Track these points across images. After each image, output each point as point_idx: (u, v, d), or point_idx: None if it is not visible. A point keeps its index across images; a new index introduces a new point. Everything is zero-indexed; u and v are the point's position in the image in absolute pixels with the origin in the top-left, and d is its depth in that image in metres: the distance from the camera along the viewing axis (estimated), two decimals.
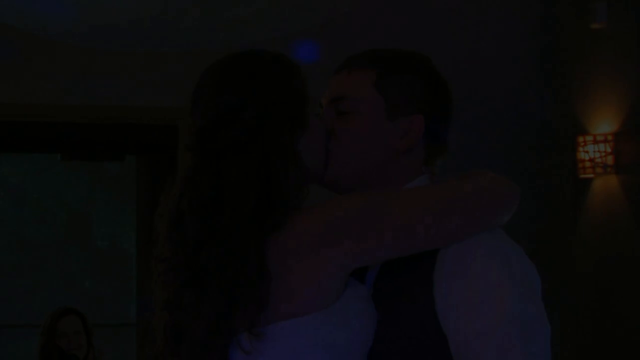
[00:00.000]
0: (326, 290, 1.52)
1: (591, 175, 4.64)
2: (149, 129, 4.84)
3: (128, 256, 6.28)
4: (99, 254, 6.98)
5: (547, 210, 4.79)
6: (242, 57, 1.61)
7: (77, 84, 4.56)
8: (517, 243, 1.62)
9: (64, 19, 4.13)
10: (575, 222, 4.73)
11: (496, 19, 4.90)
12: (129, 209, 6.05)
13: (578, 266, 4.72)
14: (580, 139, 4.66)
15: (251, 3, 3.64)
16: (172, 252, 1.55)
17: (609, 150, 4.58)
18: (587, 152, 4.63)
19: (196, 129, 1.57)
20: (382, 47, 1.74)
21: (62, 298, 6.39)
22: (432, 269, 1.57)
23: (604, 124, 4.64)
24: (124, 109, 4.73)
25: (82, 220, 7.04)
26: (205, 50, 2.89)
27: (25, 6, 3.98)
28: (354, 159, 1.66)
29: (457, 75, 1.82)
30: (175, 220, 1.56)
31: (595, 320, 4.64)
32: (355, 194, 1.58)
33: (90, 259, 6.97)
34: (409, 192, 1.59)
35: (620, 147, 4.55)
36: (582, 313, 4.67)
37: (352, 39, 4.31)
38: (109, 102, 4.63)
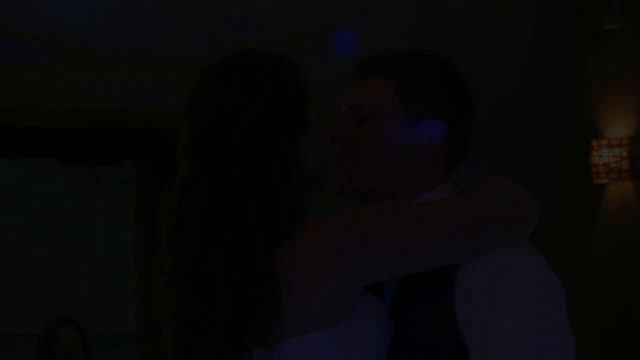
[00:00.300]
0: (339, 305, 1.50)
1: (605, 181, 4.61)
2: (148, 132, 4.82)
3: (128, 264, 6.26)
4: (97, 262, 6.97)
5: (559, 217, 4.75)
6: (239, 57, 1.59)
7: (75, 86, 4.54)
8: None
9: (65, 18, 4.11)
10: (589, 229, 4.69)
11: (507, 21, 4.87)
12: (128, 215, 6.03)
13: (592, 274, 4.69)
14: (594, 142, 4.62)
15: None
16: (174, 261, 1.52)
17: (624, 154, 4.54)
18: (601, 156, 4.59)
19: (193, 132, 1.55)
20: (405, 45, 1.73)
21: (59, 306, 6.37)
22: (453, 280, 1.56)
23: (619, 127, 4.60)
24: (122, 112, 4.71)
25: (81, 227, 7.03)
26: (208, 52, 2.87)
27: (24, 4, 3.97)
28: (375, 167, 1.65)
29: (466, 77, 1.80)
30: (175, 228, 1.53)
31: (609, 327, 4.60)
32: (370, 207, 1.55)
33: (89, 266, 6.96)
34: (426, 207, 1.57)
35: (636, 152, 4.52)
36: (595, 319, 4.64)
37: (382, 29, 4.29)
38: (108, 105, 4.61)
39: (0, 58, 4.43)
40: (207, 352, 1.50)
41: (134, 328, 5.56)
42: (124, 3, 4.28)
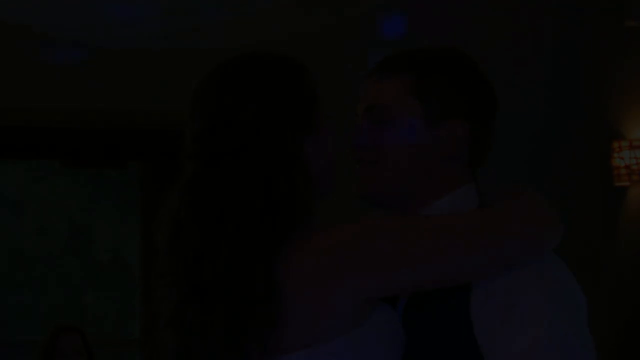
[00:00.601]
0: (345, 317, 1.48)
1: (627, 183, 4.58)
2: (153, 134, 4.81)
3: (132, 269, 6.26)
4: (101, 267, 6.96)
5: (579, 221, 4.72)
6: (242, 58, 1.60)
7: (78, 87, 4.53)
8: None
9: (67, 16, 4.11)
10: (610, 234, 4.67)
11: (528, 20, 4.85)
12: (133, 219, 6.03)
13: (613, 281, 4.66)
14: (615, 144, 4.60)
15: None
16: (173, 264, 1.54)
17: None
18: (622, 158, 4.57)
19: (194, 133, 1.55)
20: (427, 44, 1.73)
21: (61, 313, 6.37)
22: (469, 290, 1.55)
23: None
24: (127, 113, 4.70)
25: (84, 232, 7.02)
26: (216, 50, 2.86)
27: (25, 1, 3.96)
28: (394, 170, 1.64)
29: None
30: (174, 232, 1.52)
31: (632, 331, 4.58)
32: (379, 221, 1.53)
33: (92, 272, 6.95)
34: (441, 221, 1.54)
35: None
36: (618, 323, 4.61)
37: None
38: (112, 106, 4.60)
39: (0, 57, 4.42)
40: (205, 358, 1.50)
41: (138, 335, 5.55)
42: (128, 2, 4.27)
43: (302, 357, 1.47)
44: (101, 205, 6.95)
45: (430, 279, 1.50)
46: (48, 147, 5.02)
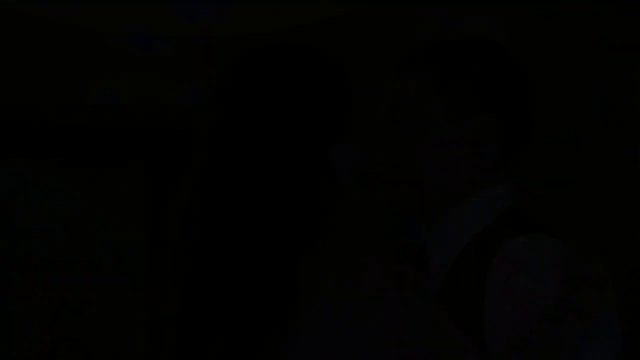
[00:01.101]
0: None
1: None
2: (158, 132, 4.83)
3: (135, 275, 6.28)
4: (101, 274, 6.98)
5: (614, 216, 4.72)
6: (273, 48, 1.57)
7: (78, 83, 4.55)
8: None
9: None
10: None
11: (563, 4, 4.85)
12: (135, 222, 6.06)
13: None
14: None
15: None
16: (181, 263, 1.53)
17: None
18: None
19: (213, 125, 1.54)
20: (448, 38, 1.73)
21: (60, 323, 6.39)
22: (482, 295, 1.58)
23: None
24: (129, 111, 4.71)
25: (83, 236, 7.05)
26: (227, 46, 2.85)
27: None
28: (418, 169, 1.65)
29: None
30: (185, 228, 1.53)
31: None
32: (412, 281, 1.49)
33: (92, 278, 6.97)
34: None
35: None
36: None
37: None
38: (113, 103, 4.61)
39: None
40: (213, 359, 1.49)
41: (142, 347, 5.57)
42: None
43: None
44: (102, 207, 6.98)
45: None
46: (46, 146, 5.05)
